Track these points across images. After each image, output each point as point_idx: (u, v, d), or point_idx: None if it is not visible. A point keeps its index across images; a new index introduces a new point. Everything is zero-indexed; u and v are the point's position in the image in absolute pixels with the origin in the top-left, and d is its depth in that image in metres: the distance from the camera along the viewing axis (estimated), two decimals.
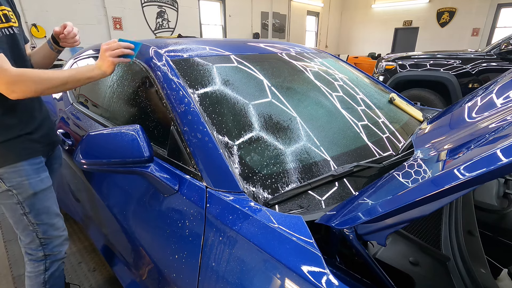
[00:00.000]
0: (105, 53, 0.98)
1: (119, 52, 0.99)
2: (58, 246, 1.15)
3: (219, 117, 0.94)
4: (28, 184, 1.03)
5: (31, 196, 1.04)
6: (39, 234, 1.09)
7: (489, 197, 1.11)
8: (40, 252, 1.11)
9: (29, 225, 1.07)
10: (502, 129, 0.57)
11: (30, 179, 1.04)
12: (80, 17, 6.32)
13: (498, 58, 3.47)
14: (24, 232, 1.08)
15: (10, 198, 1.02)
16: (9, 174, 1.00)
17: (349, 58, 9.16)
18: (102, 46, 1.00)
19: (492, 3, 9.37)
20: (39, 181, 1.07)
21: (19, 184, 1.02)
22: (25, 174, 1.03)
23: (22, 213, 1.05)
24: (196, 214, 0.78)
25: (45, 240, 1.11)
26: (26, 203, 1.04)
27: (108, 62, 0.98)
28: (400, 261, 0.71)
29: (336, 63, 1.68)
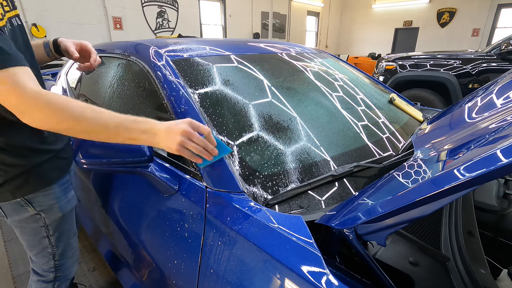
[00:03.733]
0: (179, 136, 0.68)
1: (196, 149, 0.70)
2: (70, 267, 1.09)
3: (219, 117, 0.94)
4: (58, 207, 0.95)
5: (59, 218, 0.97)
6: (56, 256, 1.02)
7: (489, 198, 1.11)
8: (51, 274, 1.04)
9: (48, 247, 0.99)
10: (502, 130, 0.57)
11: (60, 201, 0.96)
12: (80, 16, 6.32)
13: (498, 59, 3.47)
14: (40, 254, 1.00)
15: (36, 221, 0.93)
16: (40, 198, 0.91)
17: (349, 58, 9.16)
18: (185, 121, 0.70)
19: (492, 3, 9.37)
20: (67, 202, 0.99)
21: (50, 207, 0.93)
22: (56, 197, 0.94)
23: (45, 236, 0.97)
24: (196, 214, 0.78)
25: (59, 262, 1.03)
26: (51, 226, 0.96)
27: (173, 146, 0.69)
28: (400, 261, 0.71)
29: (336, 63, 1.68)
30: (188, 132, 0.68)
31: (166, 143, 0.69)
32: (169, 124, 0.70)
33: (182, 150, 0.69)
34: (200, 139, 0.70)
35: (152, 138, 0.69)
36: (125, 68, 1.29)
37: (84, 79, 1.64)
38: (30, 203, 0.90)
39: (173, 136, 0.68)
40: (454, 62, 3.72)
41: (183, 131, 0.68)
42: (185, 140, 0.69)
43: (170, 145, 0.69)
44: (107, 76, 1.40)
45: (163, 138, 0.69)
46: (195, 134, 0.69)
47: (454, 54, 3.81)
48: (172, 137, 0.68)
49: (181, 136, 0.68)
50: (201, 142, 0.70)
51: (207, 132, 0.71)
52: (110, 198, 1.15)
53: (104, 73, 1.45)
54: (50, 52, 1.03)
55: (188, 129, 0.69)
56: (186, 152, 0.70)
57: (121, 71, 1.32)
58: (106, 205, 1.16)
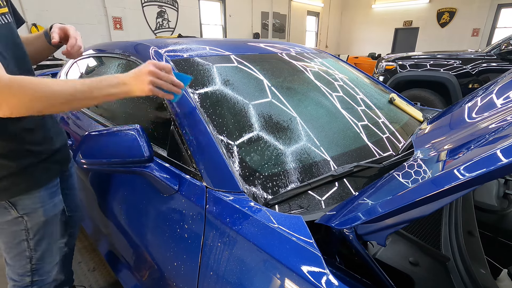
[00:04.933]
0: (147, 76, 0.73)
1: (165, 85, 0.75)
2: (48, 272, 1.03)
3: (219, 117, 0.94)
4: (42, 211, 0.93)
5: (41, 222, 0.94)
6: (33, 260, 0.97)
7: (489, 198, 1.11)
8: (27, 278, 0.99)
9: (26, 250, 0.95)
10: (502, 130, 0.57)
11: (45, 205, 0.94)
12: (80, 16, 6.31)
13: (498, 59, 3.47)
14: (17, 257, 0.96)
15: (18, 224, 0.91)
16: (23, 201, 0.89)
17: (349, 58, 9.16)
18: (148, 63, 0.76)
19: (492, 3, 9.37)
20: (52, 206, 0.97)
21: (33, 210, 0.91)
22: (40, 200, 0.92)
23: (24, 239, 0.93)
24: (196, 214, 0.78)
25: (37, 265, 0.99)
26: (32, 229, 0.93)
27: (145, 87, 0.74)
28: (400, 261, 0.71)
29: (336, 63, 1.68)
30: (154, 72, 0.74)
31: (138, 87, 0.74)
32: (135, 71, 0.75)
33: (153, 89, 0.75)
34: (166, 75, 0.76)
35: (124, 88, 0.74)
36: (125, 68, 1.29)
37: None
38: (14, 205, 0.88)
39: (142, 78, 0.74)
40: (454, 62, 3.72)
41: (149, 71, 0.73)
42: (154, 79, 0.74)
43: (142, 88, 0.74)
44: None
45: (134, 84, 0.74)
46: (160, 72, 0.75)
47: (454, 54, 3.81)
48: (141, 80, 0.74)
49: (149, 76, 0.73)
50: (168, 78, 0.76)
51: (169, 68, 0.77)
52: (110, 198, 1.15)
53: (104, 73, 1.45)
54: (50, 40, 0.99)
55: (153, 68, 0.74)
56: (157, 91, 0.76)
57: (121, 71, 1.32)
58: (106, 205, 1.16)
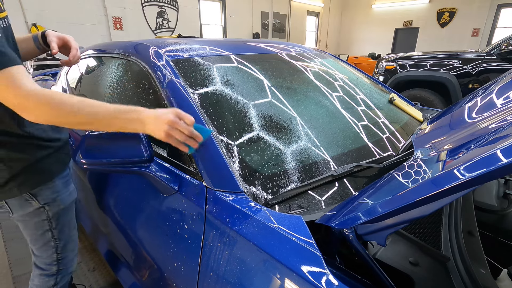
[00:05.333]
0: (165, 124, 0.72)
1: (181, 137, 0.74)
2: (71, 260, 1.12)
3: (219, 117, 0.94)
4: (60, 200, 0.99)
5: (61, 211, 1.00)
6: (59, 249, 1.05)
7: (489, 198, 1.11)
8: (54, 267, 1.06)
9: (51, 240, 1.02)
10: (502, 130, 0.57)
11: (62, 194, 1.00)
12: (80, 16, 6.32)
13: (498, 59, 3.47)
14: (44, 247, 1.02)
15: (39, 215, 0.96)
16: (44, 191, 0.94)
17: (349, 58, 9.16)
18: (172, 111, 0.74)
19: (492, 3, 9.37)
20: (68, 194, 1.03)
21: (53, 200, 0.97)
22: (57, 189, 0.98)
23: (48, 229, 1.00)
24: (196, 214, 0.78)
25: (62, 254, 1.06)
26: (54, 219, 0.99)
27: (161, 133, 0.73)
28: (400, 261, 0.71)
29: (336, 63, 1.68)
30: (174, 122, 0.73)
31: (154, 131, 0.74)
32: (156, 113, 0.74)
33: (169, 138, 0.74)
34: (185, 127, 0.74)
35: (141, 127, 0.75)
36: (125, 68, 1.29)
37: (84, 79, 1.64)
38: (35, 196, 0.93)
39: (160, 125, 0.73)
40: (454, 62, 3.72)
41: (169, 121, 0.73)
42: (171, 130, 0.73)
43: (158, 133, 0.74)
44: (107, 76, 1.40)
45: (151, 127, 0.74)
46: (180, 123, 0.74)
47: (454, 54, 3.81)
48: (159, 126, 0.73)
49: (167, 125, 0.73)
50: (186, 130, 0.74)
51: (191, 121, 0.75)
52: (110, 198, 1.15)
53: (104, 73, 1.45)
54: (40, 45, 1.03)
55: (174, 119, 0.73)
56: (173, 140, 0.75)
57: (121, 71, 1.32)
58: (106, 205, 1.16)
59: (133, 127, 0.75)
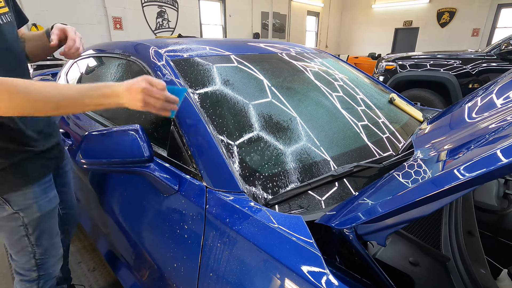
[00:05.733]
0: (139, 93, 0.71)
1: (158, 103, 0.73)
2: (53, 266, 1.07)
3: (219, 117, 0.94)
4: (36, 207, 0.94)
5: (38, 217, 0.96)
6: (37, 255, 1.00)
7: (489, 198, 1.11)
8: (34, 272, 1.02)
9: (28, 246, 0.98)
10: (502, 130, 0.57)
11: (39, 200, 0.95)
12: (80, 16, 6.31)
13: (498, 59, 3.47)
14: (20, 252, 0.98)
15: (15, 220, 0.93)
16: (17, 197, 0.90)
17: (349, 58, 9.16)
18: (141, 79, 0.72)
19: (492, 3, 9.37)
20: (47, 201, 0.98)
21: (27, 207, 0.93)
22: (34, 196, 0.93)
23: (24, 235, 0.96)
24: (196, 214, 0.78)
25: (41, 260, 1.02)
26: (30, 225, 0.95)
27: (137, 103, 0.72)
28: (400, 261, 0.71)
29: (336, 63, 1.68)
30: (147, 89, 0.71)
31: (130, 103, 0.72)
32: (128, 84, 0.72)
33: (147, 106, 0.73)
34: (160, 93, 0.73)
35: (116, 100, 0.72)
36: (125, 68, 1.29)
37: (84, 79, 1.64)
38: (8, 201, 0.89)
39: (135, 96, 0.71)
40: (454, 62, 3.72)
41: (143, 88, 0.71)
42: (146, 97, 0.71)
43: (135, 104, 0.72)
44: (107, 76, 1.40)
45: (127, 99, 0.72)
46: (153, 89, 0.72)
47: (454, 54, 3.81)
48: (134, 97, 0.71)
49: (142, 93, 0.71)
50: (161, 95, 0.73)
51: (162, 86, 0.74)
52: (110, 198, 1.15)
53: (104, 73, 1.45)
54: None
55: (146, 85, 0.71)
56: (151, 108, 0.73)
57: (121, 71, 1.32)
58: (106, 205, 1.16)
59: (108, 101, 0.72)
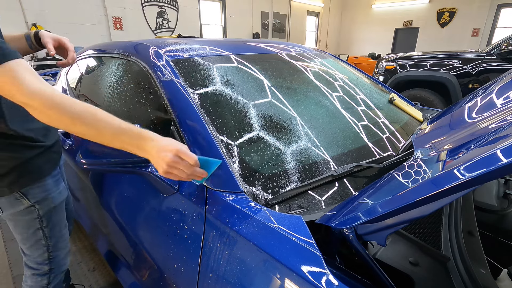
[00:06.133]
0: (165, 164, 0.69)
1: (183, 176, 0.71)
2: (63, 259, 1.12)
3: (219, 117, 0.94)
4: (51, 198, 1.00)
5: (52, 209, 1.01)
6: (50, 248, 1.05)
7: (489, 198, 1.11)
8: (46, 266, 1.06)
9: (42, 239, 1.02)
10: (502, 130, 0.57)
11: (52, 192, 1.01)
12: (80, 16, 6.31)
13: (498, 59, 3.47)
14: (34, 246, 1.02)
15: (30, 213, 0.97)
16: (34, 190, 0.95)
17: (349, 58, 9.16)
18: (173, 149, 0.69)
19: (492, 3, 9.36)
20: (59, 193, 1.04)
21: (44, 198, 0.98)
22: (48, 188, 0.99)
23: (39, 227, 1.00)
24: (196, 214, 0.78)
25: (53, 253, 1.06)
26: (45, 217, 1.00)
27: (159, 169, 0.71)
28: (400, 261, 0.71)
29: (336, 63, 1.68)
30: (174, 162, 0.69)
31: (155, 164, 0.71)
32: (159, 146, 0.70)
33: (168, 175, 0.71)
34: (187, 166, 0.70)
35: (143, 154, 0.72)
36: (125, 68, 1.29)
37: (84, 79, 1.64)
38: (25, 195, 0.94)
39: (160, 161, 0.69)
40: (454, 62, 3.72)
41: (168, 161, 0.69)
42: (170, 168, 0.69)
43: (157, 168, 0.71)
44: (107, 76, 1.40)
45: (153, 159, 0.71)
46: (181, 163, 0.69)
47: (454, 54, 3.81)
48: (159, 162, 0.70)
49: (166, 165, 0.69)
50: (188, 169, 0.70)
51: (194, 162, 0.71)
52: (110, 198, 1.15)
53: (104, 73, 1.45)
54: (32, 44, 1.01)
55: (174, 158, 0.69)
56: (173, 177, 0.72)
57: (121, 71, 1.32)
58: (106, 205, 1.16)
59: (134, 151, 0.72)
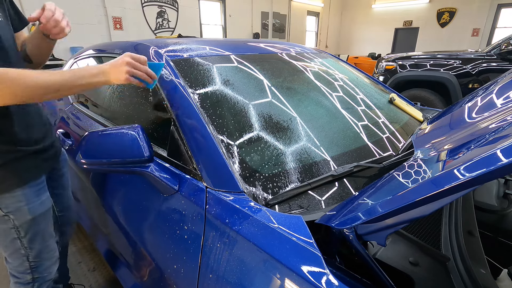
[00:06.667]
0: (124, 66, 0.81)
1: (140, 75, 0.83)
2: (48, 268, 1.06)
3: (219, 117, 0.94)
4: (27, 210, 0.93)
5: (29, 220, 0.94)
6: (30, 257, 0.99)
7: (489, 198, 1.11)
8: (28, 275, 1.01)
9: (21, 248, 0.96)
10: (502, 129, 0.57)
11: (30, 203, 0.93)
12: (80, 17, 6.31)
13: (498, 59, 3.47)
14: (13, 255, 0.98)
15: (5, 223, 0.91)
16: (5, 199, 0.88)
17: (349, 58, 9.16)
18: (125, 55, 0.83)
19: (492, 3, 9.36)
20: (39, 204, 0.96)
21: (18, 209, 0.91)
22: (25, 199, 0.91)
23: (16, 237, 0.94)
24: (196, 214, 0.78)
25: (35, 263, 1.01)
26: (22, 227, 0.94)
27: (122, 76, 0.81)
28: (400, 261, 0.71)
29: (336, 63, 1.68)
30: (131, 62, 0.81)
31: (115, 76, 0.81)
32: (112, 61, 0.83)
33: (129, 78, 0.82)
34: (142, 66, 0.83)
35: (104, 77, 0.81)
36: None
37: None
38: None
39: (119, 68, 0.81)
40: (454, 62, 3.72)
41: (127, 62, 0.81)
42: (131, 69, 0.81)
43: (119, 77, 0.81)
44: None
45: (113, 74, 0.81)
46: (136, 63, 0.82)
47: (454, 54, 3.81)
48: (119, 70, 0.81)
49: (126, 66, 0.81)
50: (143, 68, 0.83)
51: (144, 60, 0.84)
52: (110, 198, 1.15)
53: None
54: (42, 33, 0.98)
55: (129, 60, 0.81)
56: (132, 79, 0.83)
57: None
58: (106, 206, 1.16)
59: (96, 80, 0.81)
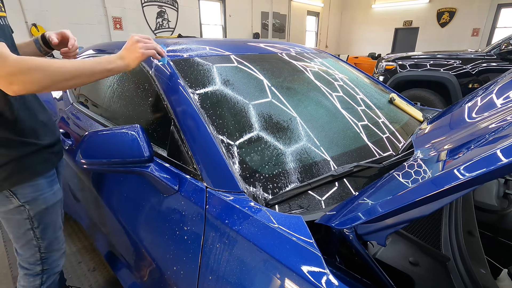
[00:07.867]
0: (136, 44, 0.87)
1: (151, 47, 0.89)
2: (57, 260, 1.10)
3: (219, 117, 0.94)
4: (42, 199, 0.98)
5: (43, 210, 0.99)
6: (42, 249, 1.03)
7: (489, 198, 1.11)
8: (38, 266, 1.05)
9: (33, 239, 1.00)
10: (502, 129, 0.57)
11: (45, 193, 0.98)
12: (80, 17, 6.31)
13: (498, 58, 3.47)
14: (26, 246, 1.01)
15: (20, 213, 0.95)
16: (24, 189, 0.93)
17: (349, 58, 9.16)
18: (132, 36, 0.89)
19: (492, 3, 9.36)
20: (52, 194, 1.01)
21: (34, 199, 0.96)
22: (40, 188, 0.97)
23: (30, 228, 0.98)
24: (196, 214, 0.78)
25: (45, 254, 1.05)
26: (36, 218, 0.98)
27: (137, 53, 0.86)
28: (400, 261, 0.71)
29: (336, 63, 1.68)
30: (141, 39, 0.88)
31: (133, 56, 0.87)
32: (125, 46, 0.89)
33: (145, 52, 0.88)
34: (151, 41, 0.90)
35: (122, 61, 0.87)
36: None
37: None
38: (15, 194, 0.92)
39: (133, 47, 0.87)
40: (454, 62, 3.72)
41: (137, 40, 0.88)
42: (143, 44, 0.88)
43: (136, 55, 0.87)
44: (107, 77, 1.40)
45: (129, 56, 0.87)
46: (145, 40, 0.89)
47: (454, 54, 3.81)
48: (133, 49, 0.87)
49: (138, 43, 0.87)
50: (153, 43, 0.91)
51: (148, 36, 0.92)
52: (110, 198, 1.15)
53: None
54: (40, 47, 1.07)
55: (139, 37, 0.89)
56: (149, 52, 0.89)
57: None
58: (106, 206, 1.16)
59: (114, 65, 0.85)
